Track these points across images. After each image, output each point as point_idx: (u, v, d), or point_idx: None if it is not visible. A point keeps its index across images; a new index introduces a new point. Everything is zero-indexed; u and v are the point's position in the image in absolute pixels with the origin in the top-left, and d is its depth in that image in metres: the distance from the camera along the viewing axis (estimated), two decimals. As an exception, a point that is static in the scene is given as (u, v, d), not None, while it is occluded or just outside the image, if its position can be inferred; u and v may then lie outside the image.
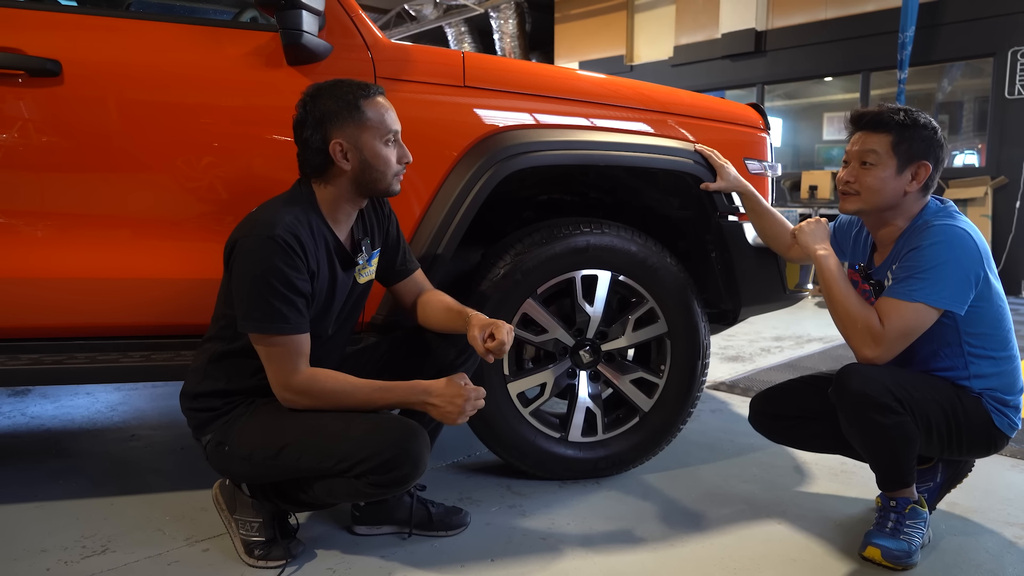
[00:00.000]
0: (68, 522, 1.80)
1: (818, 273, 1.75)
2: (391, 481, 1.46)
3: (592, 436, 2.09)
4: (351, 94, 1.52)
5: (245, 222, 1.52)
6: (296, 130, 1.54)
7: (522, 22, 10.45)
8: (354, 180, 1.56)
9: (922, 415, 1.60)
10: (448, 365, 1.72)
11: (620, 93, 2.08)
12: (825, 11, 7.71)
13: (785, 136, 9.16)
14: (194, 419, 1.60)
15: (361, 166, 1.54)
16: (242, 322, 1.47)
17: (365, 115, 1.53)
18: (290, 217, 1.48)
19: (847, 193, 1.73)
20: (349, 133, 1.52)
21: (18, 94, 1.59)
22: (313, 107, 1.51)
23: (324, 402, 1.51)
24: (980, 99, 7.23)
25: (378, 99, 1.56)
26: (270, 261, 1.44)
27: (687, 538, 1.77)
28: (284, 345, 1.47)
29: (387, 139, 1.56)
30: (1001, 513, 1.93)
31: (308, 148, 1.53)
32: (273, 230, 1.44)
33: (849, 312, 1.65)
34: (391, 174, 1.58)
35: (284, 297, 1.45)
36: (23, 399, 2.92)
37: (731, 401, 3.03)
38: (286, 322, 1.46)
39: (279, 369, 1.49)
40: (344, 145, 1.52)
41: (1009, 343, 1.69)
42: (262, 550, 1.59)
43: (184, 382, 1.64)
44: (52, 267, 1.64)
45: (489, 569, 1.60)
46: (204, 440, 1.60)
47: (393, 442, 1.46)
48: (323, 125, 1.51)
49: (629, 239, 2.01)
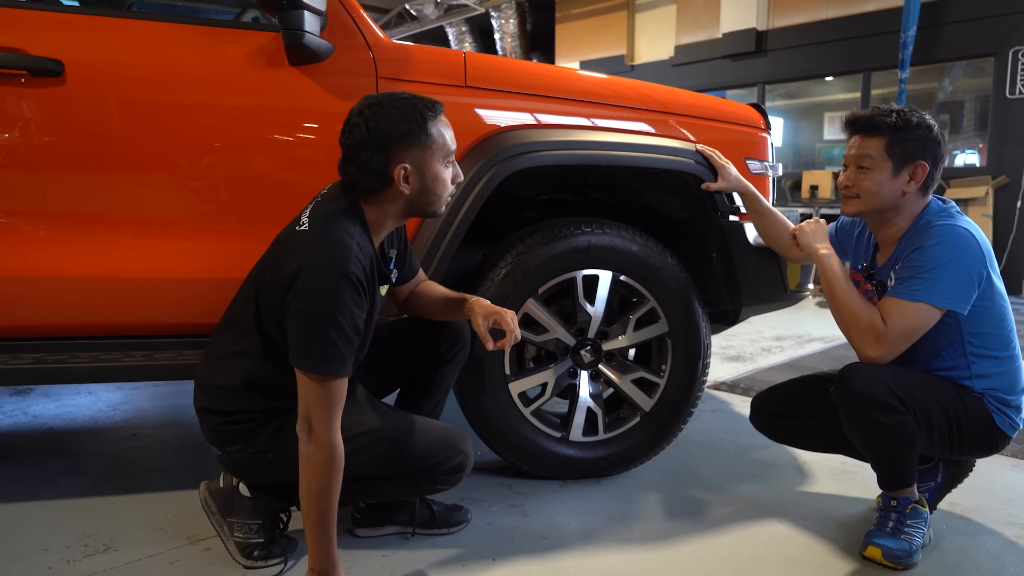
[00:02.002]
0: (70, 521, 1.80)
1: (820, 273, 1.75)
2: (455, 480, 1.61)
3: (593, 436, 2.09)
4: (417, 113, 1.44)
5: (307, 248, 1.39)
6: (354, 149, 1.44)
7: (523, 22, 10.45)
8: (409, 202, 1.49)
9: (924, 415, 1.60)
10: (439, 358, 1.75)
11: (621, 93, 2.09)
12: (826, 11, 7.70)
13: (786, 136, 9.16)
14: (226, 434, 1.53)
15: (421, 189, 1.48)
16: (298, 359, 1.36)
17: (431, 136, 1.45)
18: (356, 248, 1.40)
19: (847, 196, 1.75)
20: (414, 156, 1.45)
21: (20, 94, 1.59)
22: (376, 126, 1.42)
23: (317, 476, 1.36)
24: (981, 99, 7.23)
25: (442, 117, 1.49)
26: (342, 298, 1.35)
27: (688, 537, 1.77)
28: (336, 389, 1.37)
29: (448, 160, 1.51)
30: (1002, 513, 1.93)
31: (367, 170, 1.43)
32: (347, 267, 1.35)
33: (853, 311, 1.65)
34: (446, 196, 1.53)
35: (348, 339, 1.37)
36: (25, 398, 2.92)
37: (732, 401, 3.03)
38: (344, 365, 1.37)
39: (324, 412, 1.36)
40: (408, 169, 1.45)
41: (1011, 343, 1.69)
42: (261, 551, 1.58)
43: (204, 396, 1.55)
44: (55, 267, 1.64)
45: (490, 568, 1.61)
46: (231, 450, 1.55)
47: (460, 447, 1.59)
48: (387, 147, 1.42)
49: (630, 239, 2.01)
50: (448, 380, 1.82)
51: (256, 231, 1.74)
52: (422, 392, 1.81)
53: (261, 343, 1.50)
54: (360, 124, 1.43)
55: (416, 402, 1.81)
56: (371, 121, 1.43)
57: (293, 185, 1.77)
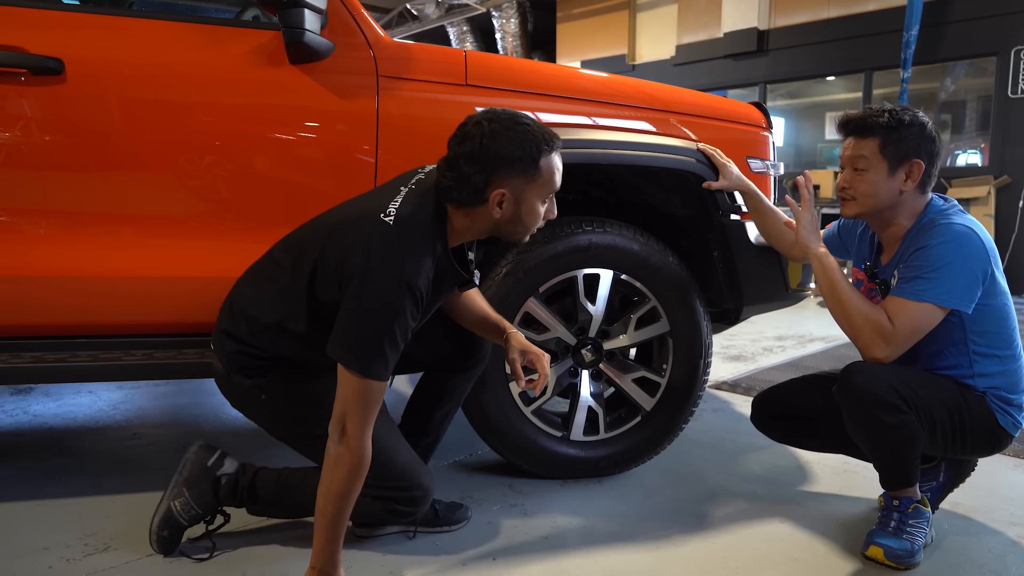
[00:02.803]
0: (70, 520, 1.80)
1: (821, 273, 1.71)
2: (406, 513, 1.58)
3: (594, 435, 2.09)
4: (534, 147, 1.42)
5: (385, 249, 1.37)
6: (460, 158, 1.41)
7: (524, 21, 10.45)
8: (496, 226, 1.49)
9: (926, 414, 1.60)
10: (454, 364, 1.78)
11: (622, 92, 2.08)
12: (827, 10, 7.69)
13: (787, 135, 9.16)
14: (237, 361, 1.55)
15: (512, 218, 1.47)
16: (342, 353, 1.36)
17: (540, 171, 1.44)
18: (427, 260, 1.39)
19: (844, 199, 1.74)
20: (516, 185, 1.44)
21: (21, 92, 1.59)
22: (490, 143, 1.40)
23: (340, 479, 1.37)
24: (983, 98, 7.21)
25: (555, 157, 1.47)
26: (402, 309, 1.34)
27: (689, 537, 1.77)
28: (375, 391, 1.37)
29: (548, 198, 1.51)
30: (1004, 513, 1.92)
31: (467, 182, 1.42)
32: (415, 281, 1.35)
33: (860, 312, 1.64)
34: (534, 229, 1.52)
35: (396, 347, 1.37)
36: (25, 397, 2.92)
37: (733, 400, 3.02)
38: (386, 369, 1.37)
39: (359, 417, 1.36)
40: (506, 196, 1.43)
41: (1014, 341, 1.69)
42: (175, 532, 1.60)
43: (231, 319, 1.55)
44: (55, 265, 1.64)
45: (491, 568, 1.60)
46: (233, 375, 1.57)
47: (422, 484, 1.57)
48: (493, 168, 1.41)
49: (631, 238, 2.01)
50: (461, 390, 1.83)
51: (256, 230, 1.74)
52: (434, 399, 1.81)
53: (307, 300, 1.47)
54: (475, 136, 1.41)
55: (428, 409, 1.82)
56: (487, 137, 1.40)
57: (293, 184, 1.77)
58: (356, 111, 1.77)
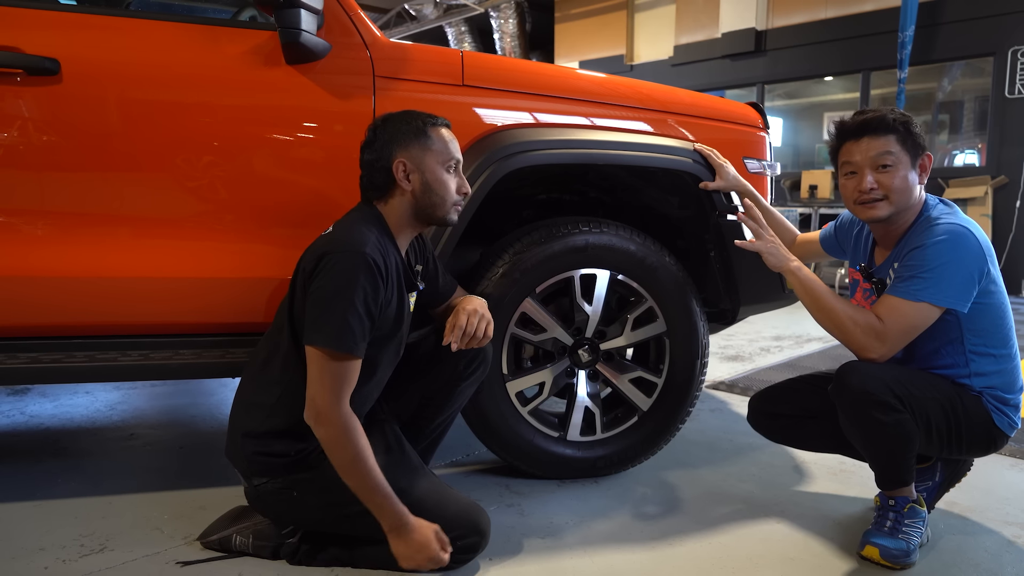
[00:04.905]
0: (66, 521, 1.80)
1: (798, 286, 1.71)
2: (464, 560, 1.57)
3: (591, 435, 2.09)
4: (419, 120, 1.59)
5: (329, 240, 1.50)
6: (363, 151, 1.60)
7: (522, 22, 10.45)
8: (415, 204, 1.60)
9: (922, 413, 1.60)
10: (458, 374, 1.76)
11: (619, 92, 2.08)
12: (825, 10, 7.70)
13: (785, 136, 9.16)
14: (259, 464, 1.55)
15: (422, 188, 1.58)
16: (310, 334, 1.43)
17: (430, 139, 1.59)
18: (373, 238, 1.50)
19: (871, 201, 1.67)
20: (414, 155, 1.57)
21: (17, 93, 1.59)
22: (383, 129, 1.58)
23: (341, 452, 1.44)
24: (980, 98, 7.23)
25: (443, 129, 1.62)
26: (357, 277, 1.43)
27: (686, 537, 1.77)
28: (344, 366, 1.43)
29: (449, 166, 1.61)
30: (1000, 512, 1.93)
31: (373, 168, 1.58)
32: (364, 248, 1.45)
33: (847, 315, 1.64)
34: (450, 202, 1.62)
35: (359, 317, 1.44)
36: (22, 398, 2.92)
37: (730, 401, 3.03)
38: (355, 342, 1.43)
39: (329, 389, 1.42)
40: (407, 165, 1.57)
41: (1010, 341, 1.69)
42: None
43: (246, 415, 1.58)
44: (51, 266, 1.64)
45: (488, 568, 1.60)
46: (258, 482, 1.56)
47: (478, 527, 1.57)
48: (389, 145, 1.57)
49: (628, 238, 2.01)
50: (464, 396, 1.83)
51: (253, 230, 1.74)
52: (437, 406, 1.81)
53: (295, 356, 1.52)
54: (369, 130, 1.60)
55: (430, 415, 1.82)
56: (379, 126, 1.59)
57: (290, 184, 1.77)
58: (353, 111, 1.77)
